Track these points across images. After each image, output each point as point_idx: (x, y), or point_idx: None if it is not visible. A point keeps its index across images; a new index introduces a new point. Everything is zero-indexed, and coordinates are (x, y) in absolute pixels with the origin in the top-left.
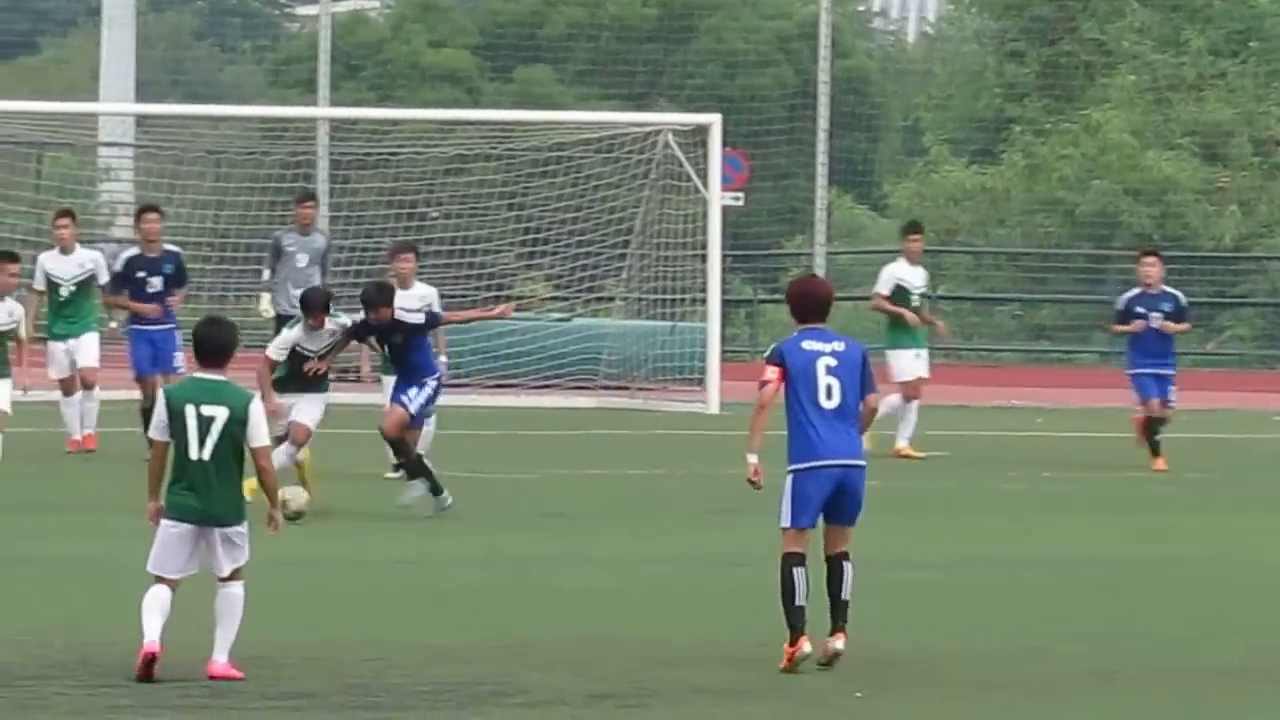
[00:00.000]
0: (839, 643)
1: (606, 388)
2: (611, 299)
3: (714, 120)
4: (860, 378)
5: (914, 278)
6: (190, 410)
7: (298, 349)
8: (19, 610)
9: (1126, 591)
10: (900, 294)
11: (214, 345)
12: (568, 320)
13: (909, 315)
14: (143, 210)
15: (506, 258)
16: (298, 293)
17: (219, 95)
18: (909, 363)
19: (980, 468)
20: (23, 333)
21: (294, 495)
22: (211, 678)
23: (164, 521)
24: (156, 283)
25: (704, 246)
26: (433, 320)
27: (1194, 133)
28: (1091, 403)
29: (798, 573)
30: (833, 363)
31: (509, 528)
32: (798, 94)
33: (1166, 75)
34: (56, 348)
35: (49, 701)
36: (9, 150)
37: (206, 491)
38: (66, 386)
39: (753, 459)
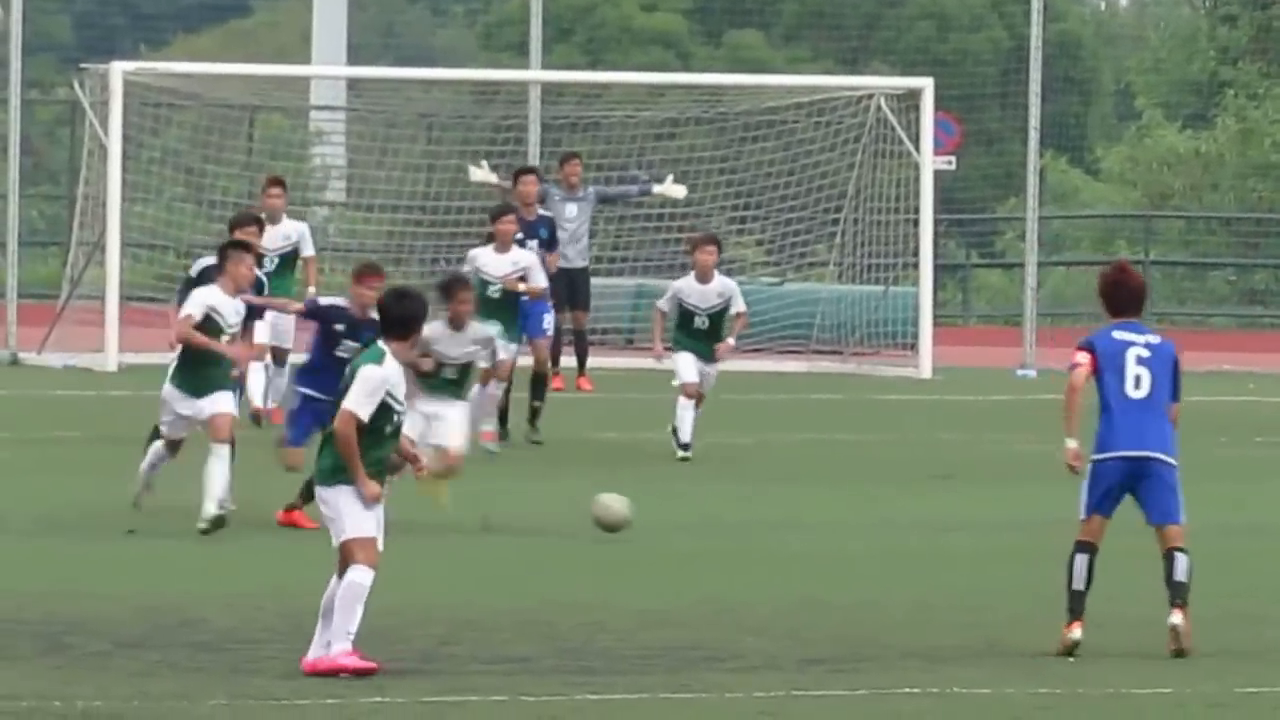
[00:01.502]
0: (1175, 617)
1: (819, 352)
2: (824, 263)
3: (926, 84)
4: (1171, 376)
5: None
6: None
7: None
8: (231, 573)
9: None
10: None
11: (399, 317)
12: (779, 284)
13: None
14: (521, 171)
15: (717, 222)
16: (566, 251)
17: (431, 58)
18: None
19: (1192, 433)
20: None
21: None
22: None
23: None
24: (533, 246)
25: (916, 211)
26: None
27: None
28: None
29: (1079, 560)
30: (1144, 354)
31: (722, 493)
32: (1010, 56)
33: None
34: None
35: (262, 665)
36: (222, 114)
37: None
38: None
39: (1071, 444)
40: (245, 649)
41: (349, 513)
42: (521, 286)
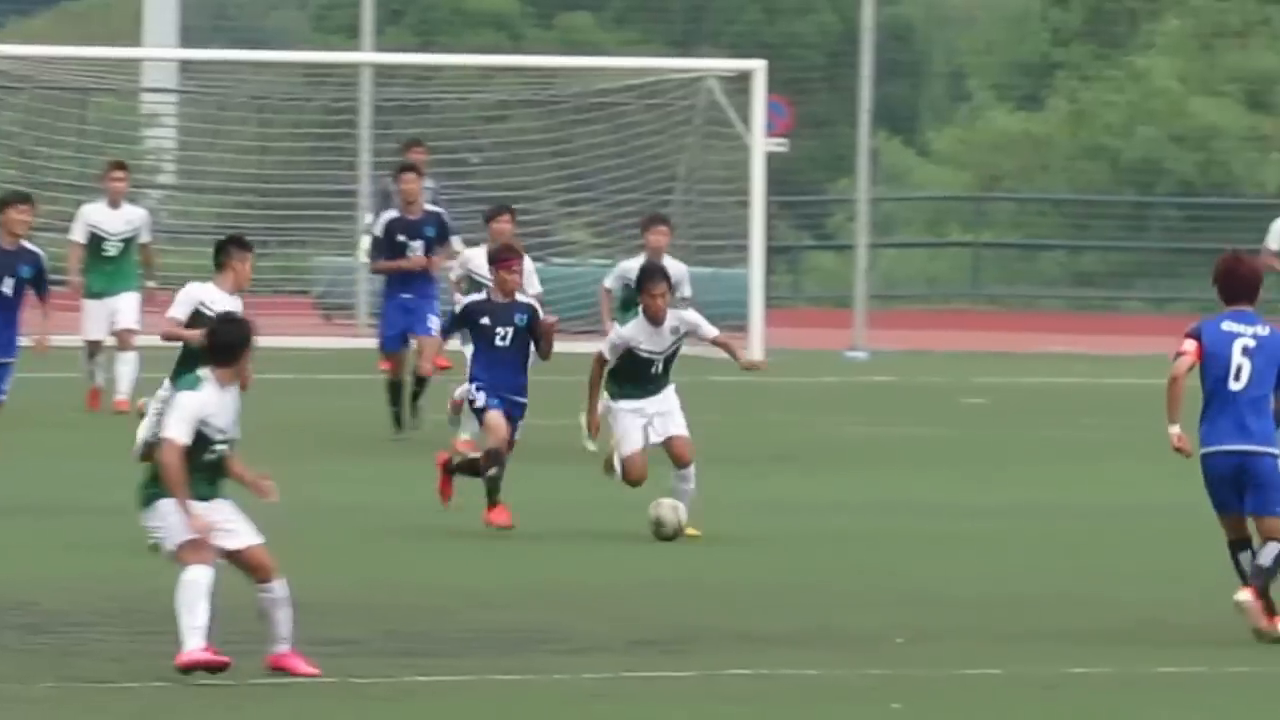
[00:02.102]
0: (1243, 595)
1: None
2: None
3: (758, 66)
4: (1276, 368)
5: None
6: None
7: (635, 350)
8: (66, 557)
9: (1167, 538)
10: None
11: (224, 343)
12: (611, 266)
13: None
14: (401, 170)
15: (547, 205)
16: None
17: (263, 40)
18: None
19: (1021, 415)
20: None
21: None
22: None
23: None
24: (418, 247)
25: (747, 193)
26: None
27: (1239, 79)
28: (1135, 350)
29: (1240, 557)
30: (1250, 344)
31: (549, 475)
32: (841, 40)
33: (1212, 21)
34: (93, 305)
35: (91, 648)
36: (54, 95)
37: None
38: (93, 348)
39: (1174, 429)
40: (75, 632)
41: (172, 524)
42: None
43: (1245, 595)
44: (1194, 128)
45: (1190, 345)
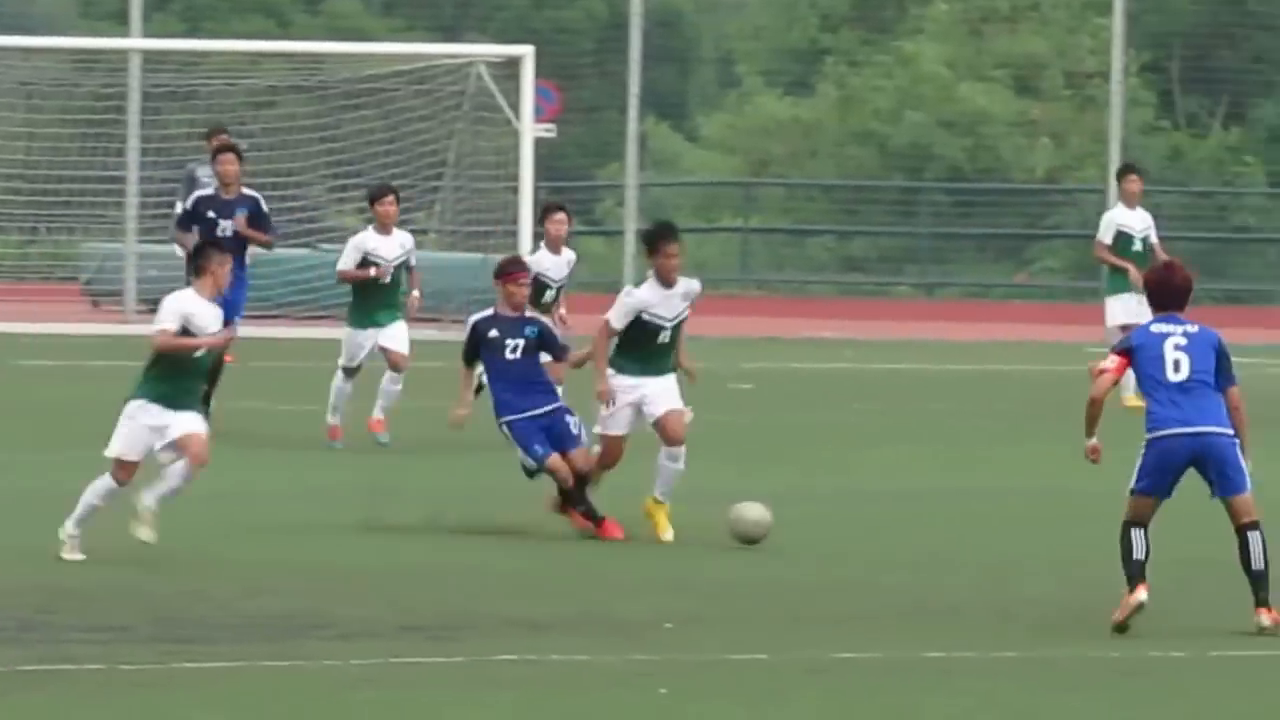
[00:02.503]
0: (1264, 618)
1: (418, 319)
2: (424, 232)
3: (526, 52)
4: (1214, 362)
5: (1134, 221)
6: None
7: (644, 315)
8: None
9: (937, 524)
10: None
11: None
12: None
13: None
14: (218, 150)
15: (317, 190)
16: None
17: (31, 26)
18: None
19: (790, 400)
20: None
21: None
22: None
23: None
24: (227, 226)
25: (516, 179)
26: None
27: (1007, 65)
28: (904, 335)
29: (1134, 533)
30: (1181, 341)
31: (316, 461)
32: (609, 26)
33: (980, 7)
34: None
35: None
36: None
37: None
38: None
39: (1091, 440)
40: None
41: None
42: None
43: (1266, 619)
44: (962, 113)
45: (1113, 361)
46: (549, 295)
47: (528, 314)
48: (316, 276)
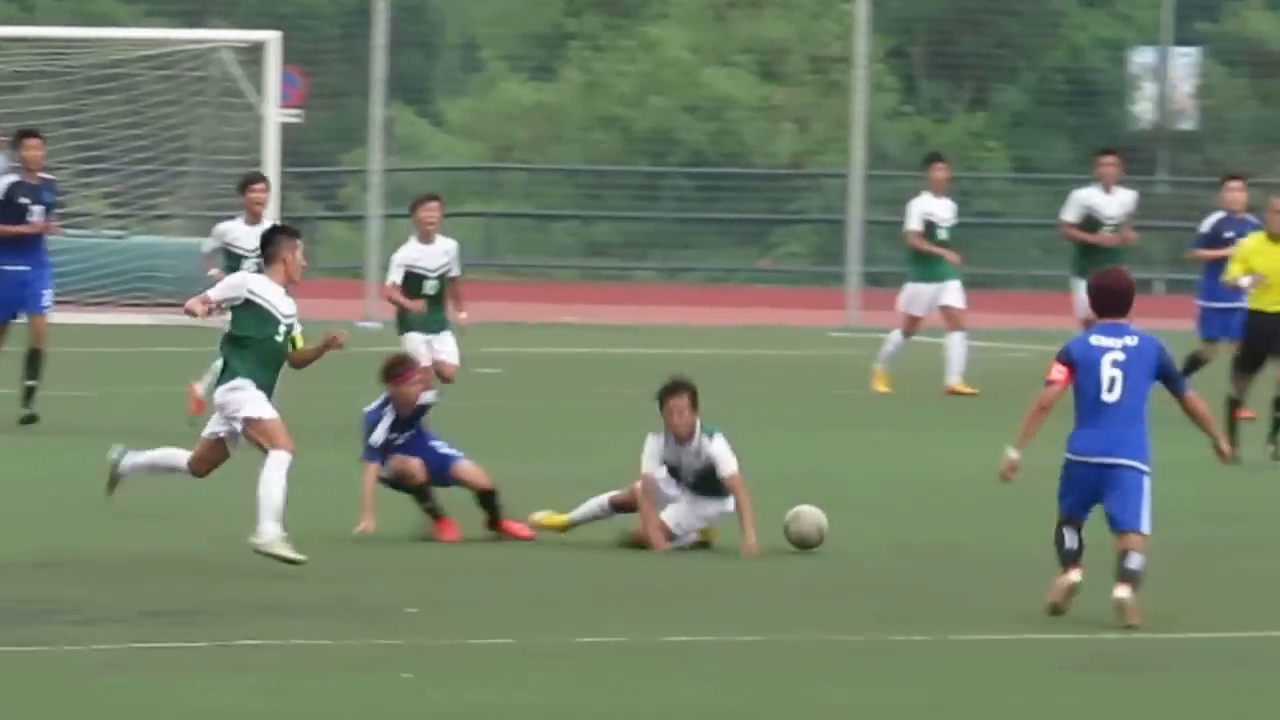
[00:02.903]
0: (1121, 591)
1: (163, 305)
2: (169, 216)
3: (272, 37)
4: (1151, 379)
5: (941, 210)
6: None
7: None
8: None
9: None
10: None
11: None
12: (124, 238)
13: (945, 252)
14: (22, 135)
15: (63, 176)
16: None
17: None
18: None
19: (535, 385)
20: None
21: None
22: None
23: None
24: (39, 212)
25: (261, 164)
26: None
27: (751, 50)
28: (647, 319)
29: (1066, 530)
30: (1120, 357)
31: (65, 445)
32: (354, 12)
33: None
34: None
35: None
36: None
37: None
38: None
39: (1013, 454)
40: None
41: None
42: None
43: (1124, 592)
44: (706, 98)
45: (1060, 372)
46: (429, 286)
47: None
48: (66, 262)
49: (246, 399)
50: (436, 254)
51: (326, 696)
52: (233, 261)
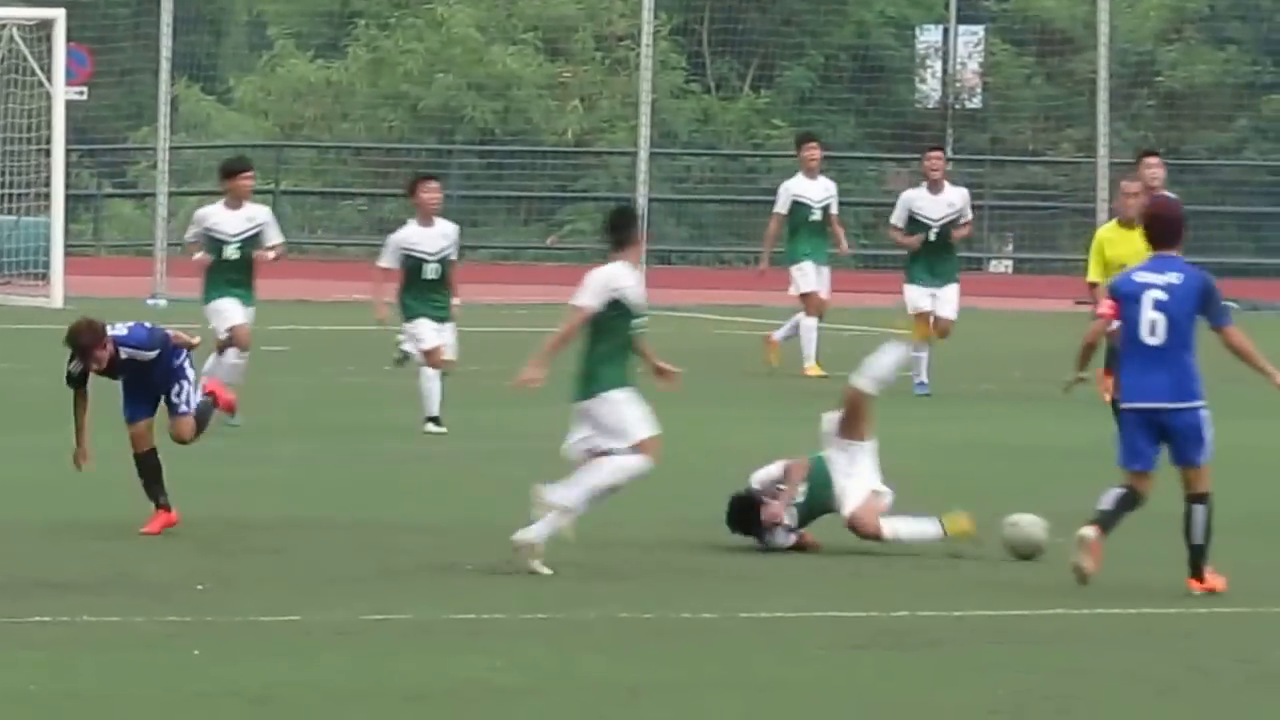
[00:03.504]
0: (1195, 589)
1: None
2: None
3: (58, 15)
4: (1196, 310)
5: (813, 191)
6: None
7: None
8: None
9: (467, 484)
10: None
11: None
12: None
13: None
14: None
15: None
16: None
17: None
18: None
19: (322, 362)
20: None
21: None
22: None
23: None
24: None
25: (48, 141)
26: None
27: (537, 28)
28: None
29: (1113, 488)
30: (1162, 297)
31: None
32: None
33: None
34: None
35: None
36: None
37: None
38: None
39: (1078, 374)
40: None
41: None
42: None
43: (1196, 589)
44: (493, 76)
45: (1107, 307)
46: (429, 271)
47: None
48: None
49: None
50: (436, 237)
51: (116, 673)
52: (215, 247)
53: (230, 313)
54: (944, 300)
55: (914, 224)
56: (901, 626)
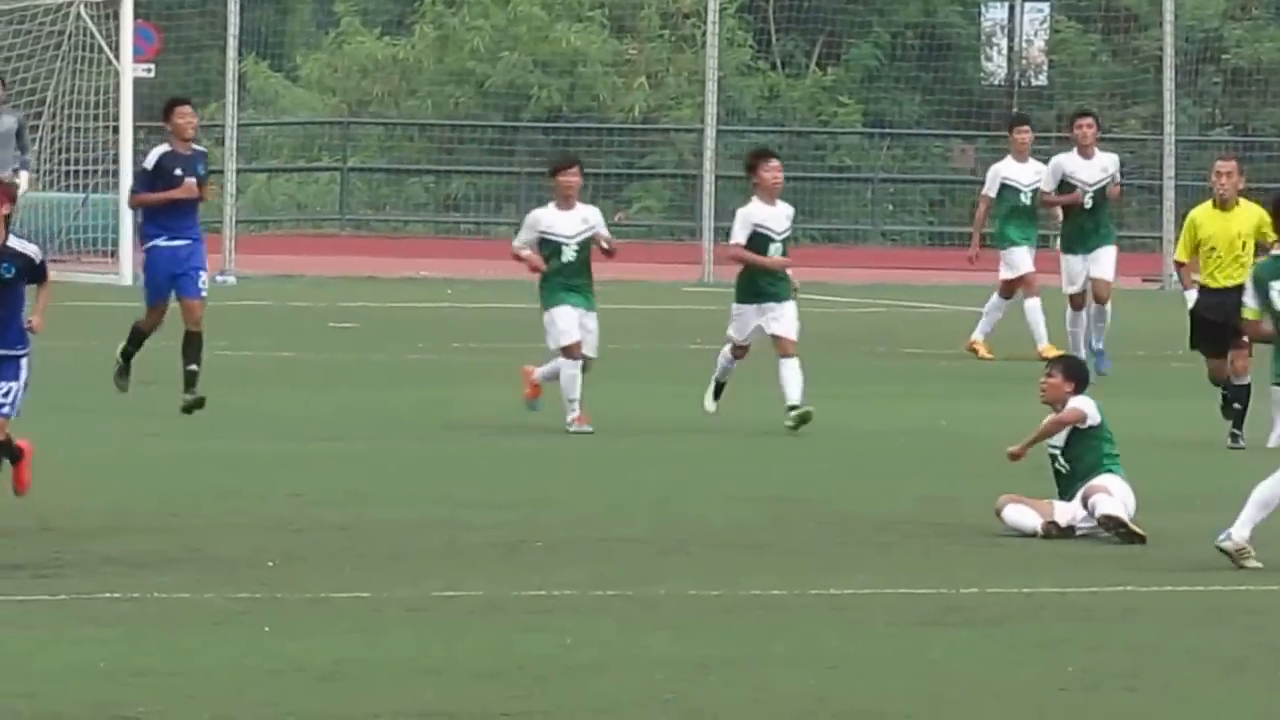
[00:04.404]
0: None
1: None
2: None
3: None
4: None
5: (1023, 175)
6: None
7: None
8: None
9: (537, 462)
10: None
11: None
12: None
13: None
14: (173, 103)
15: None
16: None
17: None
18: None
19: (391, 339)
20: None
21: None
22: None
23: None
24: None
25: (116, 118)
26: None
27: (602, 5)
28: (501, 274)
29: None
30: None
31: None
32: None
33: None
34: None
35: None
36: None
37: None
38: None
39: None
40: None
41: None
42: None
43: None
44: (558, 53)
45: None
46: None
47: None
48: None
49: None
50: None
51: (186, 650)
52: (551, 249)
53: (568, 326)
54: (1102, 262)
55: (1064, 189)
56: (970, 603)
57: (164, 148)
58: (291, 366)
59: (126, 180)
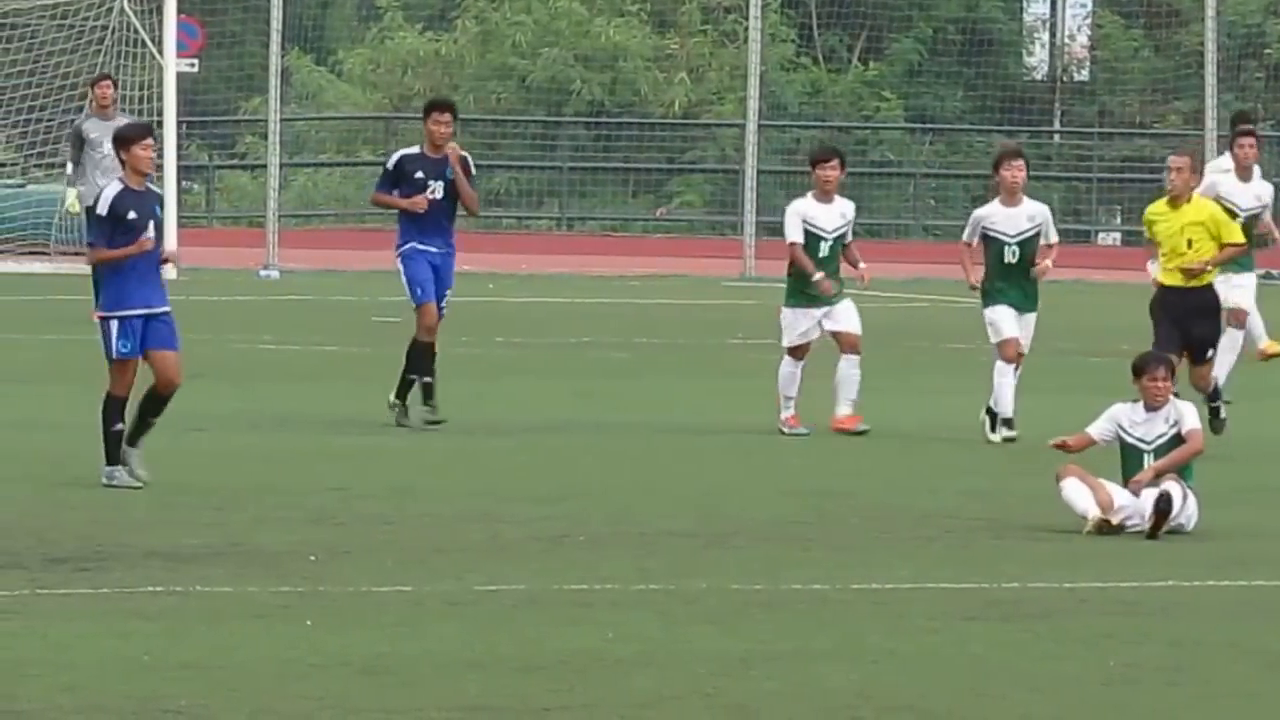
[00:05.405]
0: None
1: (62, 254)
2: (66, 164)
3: None
4: None
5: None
6: None
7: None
8: None
9: (579, 456)
10: None
11: None
12: (22, 186)
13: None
14: (432, 107)
15: None
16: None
17: None
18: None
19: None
20: None
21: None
22: None
23: None
24: (438, 189)
25: (160, 113)
26: None
27: (644, 0)
28: (544, 269)
29: None
30: None
31: None
32: None
33: None
34: None
35: None
36: None
37: None
38: None
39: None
40: None
41: None
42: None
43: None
44: (599, 49)
45: None
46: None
47: None
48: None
49: None
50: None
51: (228, 644)
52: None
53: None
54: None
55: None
56: (1012, 597)
57: (411, 150)
58: (334, 361)
59: (171, 174)
